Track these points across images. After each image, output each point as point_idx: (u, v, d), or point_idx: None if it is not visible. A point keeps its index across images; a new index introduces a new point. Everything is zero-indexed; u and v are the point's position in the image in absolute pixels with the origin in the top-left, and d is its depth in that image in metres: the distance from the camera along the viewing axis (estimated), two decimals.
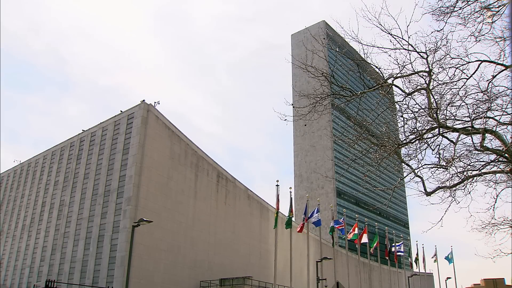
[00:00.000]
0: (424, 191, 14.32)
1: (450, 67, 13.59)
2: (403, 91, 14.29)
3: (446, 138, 14.05)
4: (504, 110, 13.31)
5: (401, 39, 13.52)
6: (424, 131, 14.00)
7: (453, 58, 13.45)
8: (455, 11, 12.76)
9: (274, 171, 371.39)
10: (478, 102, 13.46)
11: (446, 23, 13.03)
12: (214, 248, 62.18)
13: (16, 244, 71.89)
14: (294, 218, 55.46)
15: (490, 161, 14.08)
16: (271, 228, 62.11)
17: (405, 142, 14.34)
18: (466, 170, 14.29)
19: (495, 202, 14.68)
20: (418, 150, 14.26)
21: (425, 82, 14.00)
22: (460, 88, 13.60)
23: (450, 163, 13.99)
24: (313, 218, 53.46)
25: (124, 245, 50.73)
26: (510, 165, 13.43)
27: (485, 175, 14.39)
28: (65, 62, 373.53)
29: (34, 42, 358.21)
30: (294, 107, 16.36)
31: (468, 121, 13.53)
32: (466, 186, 14.24)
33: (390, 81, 14.38)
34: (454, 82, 13.62)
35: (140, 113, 57.79)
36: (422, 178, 14.33)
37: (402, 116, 14.37)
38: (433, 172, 14.45)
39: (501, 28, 12.75)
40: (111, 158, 59.30)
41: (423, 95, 14.22)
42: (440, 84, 13.93)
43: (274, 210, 53.19)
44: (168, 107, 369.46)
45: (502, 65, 12.98)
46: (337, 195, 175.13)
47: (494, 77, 13.17)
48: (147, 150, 55.96)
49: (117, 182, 56.18)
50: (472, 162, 14.32)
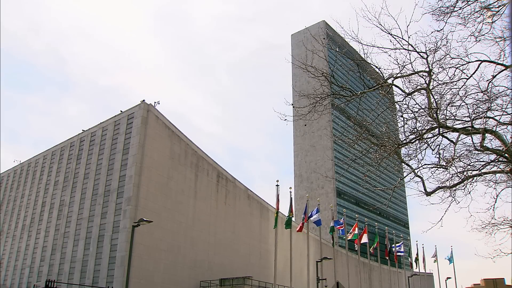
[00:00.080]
0: (424, 191, 14.31)
1: (450, 67, 13.59)
2: (403, 91, 14.29)
3: (446, 138, 14.05)
4: (504, 110, 13.32)
5: (401, 39, 13.53)
6: (424, 131, 13.99)
7: (453, 58, 13.46)
8: (455, 11, 12.76)
9: (274, 171, 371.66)
10: (478, 102, 13.46)
11: (446, 23, 13.04)
12: (214, 248, 62.19)
13: (16, 244, 71.90)
14: (294, 218, 55.45)
15: (490, 161, 14.07)
16: (271, 228, 62.12)
17: (405, 142, 14.34)
18: (466, 170, 14.28)
19: (495, 202, 14.69)
20: (418, 150, 14.26)
21: (425, 82, 13.99)
22: (460, 88, 13.61)
23: (450, 163, 13.98)
24: (313, 218, 53.51)
25: (124, 245, 50.74)
26: (510, 165, 13.43)
27: (485, 175, 14.39)
28: (65, 62, 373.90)
29: (34, 42, 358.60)
30: (294, 107, 16.35)
31: (468, 121, 13.53)
32: (466, 186, 14.24)
33: (390, 81, 14.38)
34: (454, 82, 13.61)
35: (140, 113, 57.82)
36: (422, 178, 14.33)
37: (402, 116, 14.36)
38: (433, 172, 14.46)
39: (501, 28, 12.76)
40: (111, 158, 59.32)
41: (423, 95, 14.22)
42: (440, 84, 13.93)
43: (274, 210, 53.20)
44: (168, 107, 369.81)
45: (502, 65, 12.98)
46: (337, 195, 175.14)
47: (494, 77, 13.16)
48: (147, 150, 55.98)
49: (117, 182, 56.20)
50: (472, 162, 14.32)
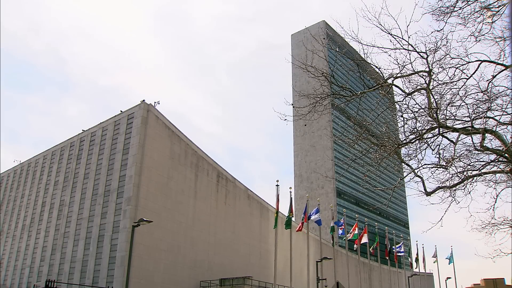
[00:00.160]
0: (424, 191, 14.31)
1: (450, 67, 13.58)
2: (403, 91, 14.28)
3: (446, 138, 14.04)
4: (504, 110, 13.31)
5: (401, 39, 13.52)
6: (424, 131, 13.98)
7: (453, 58, 13.45)
8: (455, 11, 12.75)
9: (274, 171, 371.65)
10: (478, 102, 13.45)
11: (446, 23, 13.03)
12: (214, 248, 62.18)
13: (16, 244, 71.90)
14: (294, 218, 55.46)
15: (490, 161, 14.07)
16: (271, 228, 62.13)
17: (405, 142, 14.33)
18: (466, 170, 14.28)
19: (495, 202, 14.68)
20: (418, 150, 14.25)
21: (425, 82, 13.99)
22: (460, 88, 13.60)
23: (450, 163, 13.97)
24: (313, 218, 53.54)
25: (124, 245, 50.74)
26: (510, 165, 13.42)
27: (485, 175, 14.38)
28: (65, 62, 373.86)
29: (34, 42, 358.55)
30: (294, 107, 16.34)
31: (468, 121, 13.52)
32: (466, 186, 14.23)
33: (390, 81, 14.37)
34: (454, 82, 13.61)
35: (140, 113, 57.82)
36: (422, 178, 14.32)
37: (402, 116, 14.35)
38: (433, 172, 14.45)
39: (501, 28, 12.76)
40: (111, 158, 59.32)
41: (423, 95, 14.22)
42: (440, 84, 13.93)
43: (274, 210, 53.22)
44: (168, 107, 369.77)
45: (502, 65, 12.97)
46: (337, 195, 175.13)
47: (494, 77, 13.16)
48: (147, 150, 55.98)
49: (117, 182, 56.20)
50: (472, 162, 14.32)
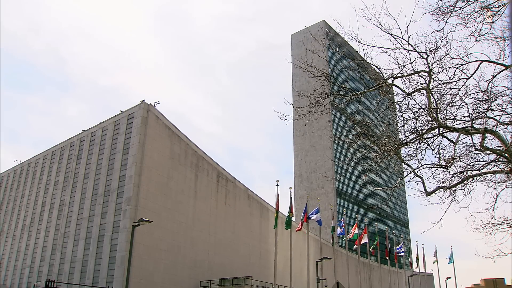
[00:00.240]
0: (424, 191, 14.30)
1: (450, 67, 13.57)
2: (403, 91, 14.27)
3: (446, 138, 14.04)
4: (504, 110, 13.31)
5: (401, 39, 13.52)
6: (424, 131, 13.98)
7: (453, 58, 13.45)
8: (455, 11, 12.75)
9: (274, 171, 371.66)
10: (478, 102, 13.44)
11: (446, 23, 13.03)
12: (214, 248, 62.18)
13: (16, 244, 71.90)
14: (294, 218, 55.46)
15: (490, 161, 14.06)
16: (271, 228, 62.12)
17: (405, 142, 14.32)
18: (466, 170, 14.27)
19: (495, 202, 14.67)
20: (418, 150, 14.25)
21: (425, 82, 13.98)
22: (460, 88, 13.59)
23: (450, 163, 13.97)
24: (314, 217, 53.57)
25: (124, 245, 50.74)
26: (510, 165, 13.42)
27: (485, 175, 14.37)
28: (65, 62, 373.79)
29: (34, 42, 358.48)
30: (294, 107, 16.33)
31: (468, 121, 13.52)
32: (466, 186, 14.23)
33: (390, 81, 14.37)
34: (454, 82, 13.60)
35: (140, 113, 57.81)
36: (422, 178, 14.31)
37: (402, 116, 14.35)
38: (433, 172, 14.44)
39: (501, 28, 12.76)
40: (111, 158, 59.32)
41: (423, 95, 14.21)
42: (440, 84, 13.92)
43: (274, 210, 53.22)
44: (168, 107, 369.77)
45: (502, 65, 12.97)
46: (337, 195, 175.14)
47: (494, 77, 13.15)
48: (147, 150, 55.97)
49: (117, 182, 56.20)
50: (472, 162, 14.31)
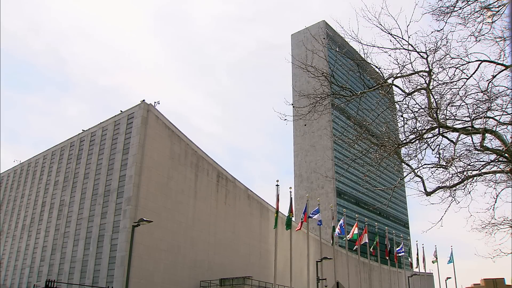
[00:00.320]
0: (424, 191, 14.29)
1: (450, 67, 13.56)
2: (403, 91, 14.27)
3: (446, 138, 14.03)
4: (504, 110, 13.30)
5: (401, 39, 13.51)
6: (424, 131, 13.97)
7: (453, 58, 13.44)
8: (455, 11, 12.74)
9: (274, 171, 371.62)
10: (478, 102, 13.44)
11: (446, 23, 13.02)
12: (214, 248, 62.17)
13: (16, 244, 71.90)
14: (294, 218, 55.43)
15: (490, 161, 14.06)
16: (271, 228, 62.11)
17: (405, 142, 14.31)
18: (466, 170, 14.27)
19: (495, 202, 14.66)
20: (418, 150, 14.24)
21: (425, 82, 13.97)
22: (460, 88, 13.59)
23: (450, 163, 13.96)
24: (314, 217, 53.60)
25: (124, 245, 50.74)
26: (510, 165, 13.42)
27: (485, 175, 14.37)
28: (65, 62, 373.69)
29: (34, 42, 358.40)
30: (294, 107, 16.33)
31: (468, 121, 13.51)
32: (466, 186, 14.22)
33: (390, 81, 14.36)
34: (454, 82, 13.59)
35: (140, 113, 57.81)
36: (422, 178, 14.30)
37: (402, 116, 14.34)
38: (433, 172, 14.43)
39: (501, 28, 12.75)
40: (111, 158, 59.31)
41: (423, 95, 14.20)
42: (440, 84, 13.91)
43: (274, 210, 53.21)
44: (168, 107, 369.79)
45: (502, 65, 12.96)
46: (337, 195, 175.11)
47: (494, 77, 13.15)
48: (147, 150, 55.97)
49: (117, 182, 56.19)
50: (472, 162, 14.30)
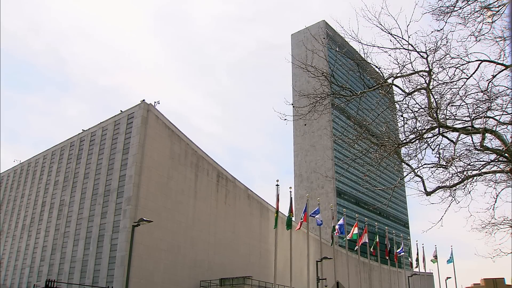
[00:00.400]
0: (424, 191, 14.28)
1: (450, 67, 13.55)
2: (403, 91, 14.26)
3: (446, 137, 14.02)
4: (504, 109, 13.29)
5: (401, 39, 13.49)
6: (424, 131, 13.96)
7: (453, 58, 13.42)
8: (455, 11, 12.73)
9: (274, 171, 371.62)
10: (478, 101, 13.43)
11: (446, 23, 13.01)
12: (214, 247, 62.18)
13: (16, 243, 71.91)
14: (294, 218, 55.45)
15: (490, 160, 14.05)
16: (271, 227, 62.12)
17: (405, 141, 14.31)
18: (466, 169, 14.27)
19: (495, 202, 14.65)
20: (418, 150, 14.23)
21: (425, 81, 13.97)
22: (460, 87, 13.58)
23: (450, 163, 13.96)
24: (316, 217, 53.67)
25: (124, 245, 50.75)
26: (510, 164, 13.41)
27: (485, 175, 14.36)
28: (65, 62, 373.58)
29: (34, 42, 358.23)
30: (294, 107, 16.33)
31: (468, 120, 13.51)
32: (466, 186, 14.22)
33: (390, 80, 14.35)
34: (454, 81, 13.58)
35: (140, 113, 57.82)
36: (422, 177, 14.30)
37: (402, 115, 14.33)
38: (433, 171, 14.43)
39: (501, 27, 12.74)
40: (111, 157, 59.32)
41: (423, 95, 14.19)
42: (440, 83, 13.89)
43: (274, 210, 53.23)
44: (168, 107, 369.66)
45: (502, 64, 12.96)
46: (337, 195, 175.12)
47: (494, 76, 13.14)
48: (147, 150, 55.98)
49: (117, 182, 56.20)
50: (472, 161, 14.30)
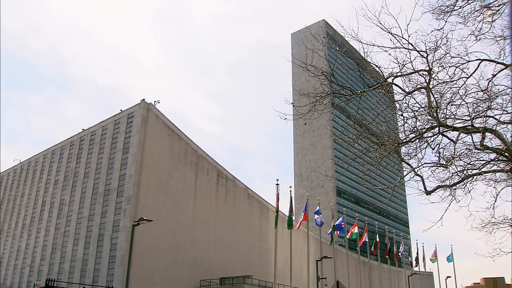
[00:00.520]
0: (424, 190, 14.30)
1: (450, 66, 13.56)
2: (403, 90, 14.27)
3: (446, 137, 14.04)
4: (504, 109, 13.30)
5: (401, 38, 13.49)
6: (424, 130, 13.97)
7: (453, 57, 13.43)
8: (455, 10, 12.73)
9: (274, 171, 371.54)
10: (478, 101, 13.44)
11: (446, 22, 13.00)
12: (214, 247, 62.20)
13: (16, 243, 71.93)
14: (294, 217, 55.46)
15: (490, 160, 14.06)
16: (271, 227, 62.12)
17: (405, 141, 14.31)
18: (466, 169, 14.27)
19: (495, 201, 14.67)
20: (418, 149, 14.24)
21: (425, 81, 13.97)
22: (460, 87, 13.59)
23: (450, 162, 13.97)
24: (316, 217, 53.66)
25: (124, 244, 50.76)
26: (510, 164, 13.42)
27: (485, 174, 14.37)
28: (65, 62, 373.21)
29: (34, 42, 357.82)
30: (294, 106, 16.33)
31: (468, 120, 13.51)
32: (466, 185, 14.22)
33: (390, 80, 14.36)
34: (454, 81, 13.59)
35: (140, 112, 57.80)
36: (422, 177, 14.31)
37: (402, 115, 14.34)
38: (433, 171, 14.45)
39: (501, 27, 12.74)
40: (111, 157, 59.32)
41: (423, 94, 14.20)
42: (440, 83, 13.90)
43: (274, 209, 53.20)
44: (168, 107, 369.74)
45: (502, 64, 12.96)
46: (337, 194, 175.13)
47: (494, 76, 13.15)
48: (147, 149, 55.97)
49: (117, 181, 56.21)
50: (472, 161, 14.30)
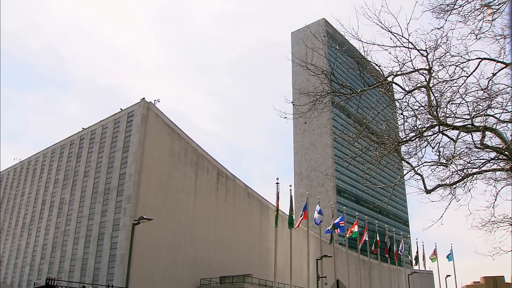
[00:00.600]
0: (424, 189, 14.30)
1: (450, 65, 13.56)
2: (403, 89, 14.26)
3: (446, 136, 14.03)
4: (504, 108, 13.30)
5: (401, 37, 13.48)
6: (424, 129, 13.96)
7: (453, 56, 13.42)
8: (455, 9, 12.72)
9: (274, 170, 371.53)
10: (478, 100, 13.43)
11: (446, 21, 13.00)
12: (214, 246, 62.24)
13: (16, 242, 71.97)
14: (294, 216, 55.49)
15: (490, 159, 14.05)
16: (271, 226, 62.16)
17: (405, 140, 14.31)
18: (466, 168, 14.26)
19: (495, 200, 14.66)
20: (418, 148, 14.23)
21: (425, 79, 13.97)
22: (460, 86, 13.58)
23: (450, 161, 13.97)
24: (317, 217, 53.64)
25: (124, 243, 50.80)
26: (510, 163, 13.41)
27: (485, 173, 14.36)
28: (65, 61, 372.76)
29: (34, 42, 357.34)
30: (294, 105, 16.34)
31: (468, 119, 13.51)
32: (466, 184, 14.22)
33: (390, 78, 14.35)
34: (454, 80, 13.59)
35: (140, 111, 57.80)
36: (422, 176, 14.31)
37: (402, 114, 14.33)
38: (433, 170, 14.43)
39: (501, 26, 12.73)
40: (111, 156, 59.32)
41: (423, 93, 14.19)
42: (440, 82, 13.89)
43: (274, 208, 53.23)
44: (168, 106, 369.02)
45: (502, 62, 12.95)
46: (337, 193, 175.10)
47: (494, 74, 13.14)
48: (147, 148, 55.98)
49: (117, 180, 56.22)
50: (472, 160, 14.29)
